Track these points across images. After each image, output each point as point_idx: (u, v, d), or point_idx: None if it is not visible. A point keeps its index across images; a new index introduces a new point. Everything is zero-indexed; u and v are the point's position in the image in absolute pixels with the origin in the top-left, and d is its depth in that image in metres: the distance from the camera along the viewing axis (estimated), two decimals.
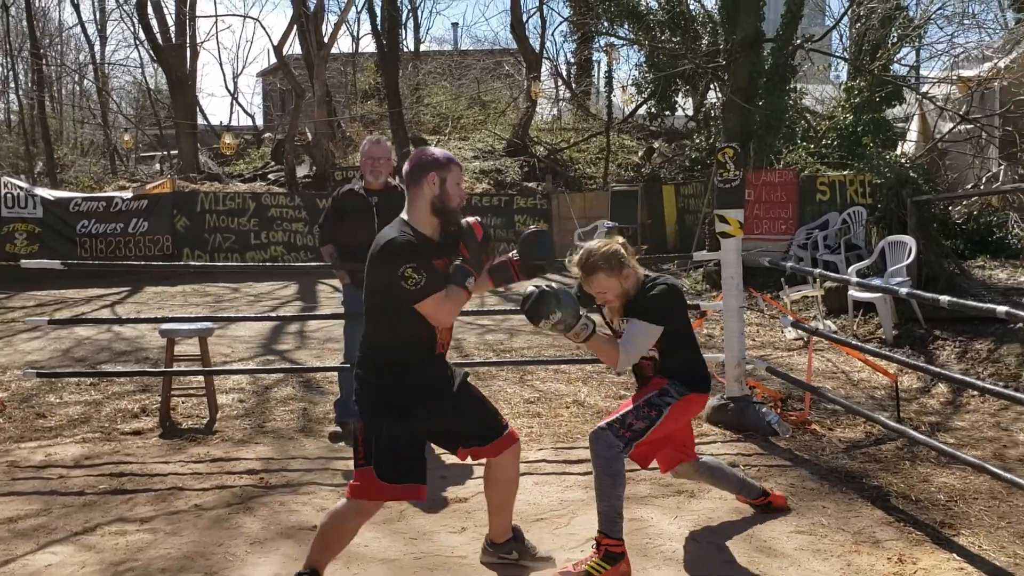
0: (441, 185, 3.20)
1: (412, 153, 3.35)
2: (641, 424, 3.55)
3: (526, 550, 3.56)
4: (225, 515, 4.12)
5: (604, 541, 3.47)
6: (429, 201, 3.20)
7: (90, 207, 13.96)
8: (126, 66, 31.68)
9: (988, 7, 15.73)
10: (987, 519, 4.00)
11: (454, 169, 3.27)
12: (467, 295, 3.20)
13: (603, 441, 3.50)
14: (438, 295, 3.10)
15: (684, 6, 16.54)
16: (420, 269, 3.06)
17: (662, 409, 3.59)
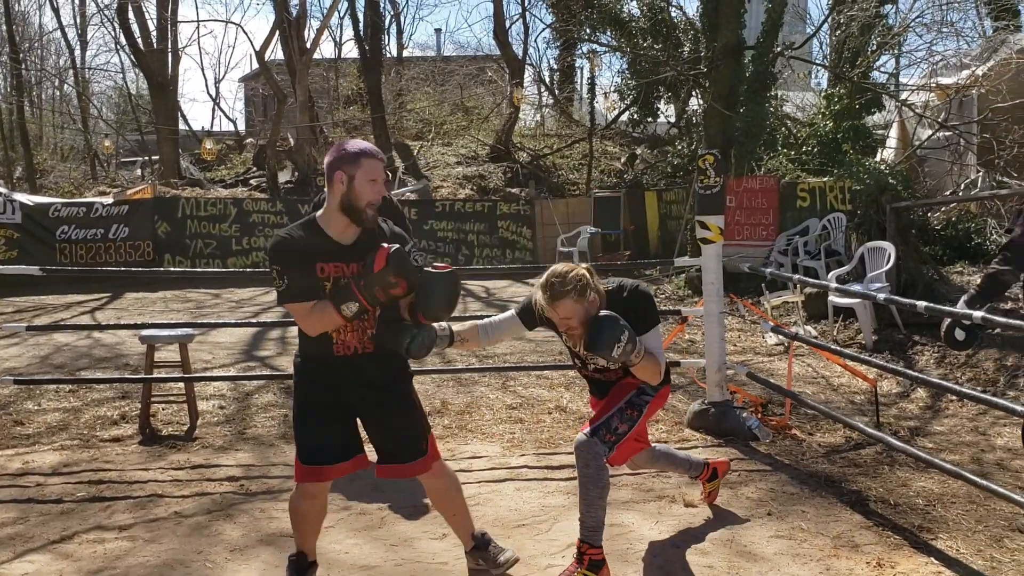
0: (349, 183, 3.03)
1: (330, 149, 3.19)
2: (624, 427, 3.56)
3: (489, 556, 3.52)
4: (205, 522, 4.10)
5: (588, 551, 3.46)
6: (338, 199, 3.06)
7: (70, 213, 13.86)
8: (107, 71, 31.59)
9: (966, 15, 15.89)
10: (965, 523, 4.03)
11: (365, 164, 3.04)
12: (340, 318, 3.02)
13: (591, 450, 3.46)
14: (303, 305, 3.02)
15: (666, 14, 16.61)
16: (284, 274, 2.99)
17: (642, 408, 3.62)
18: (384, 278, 2.98)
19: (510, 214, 15.64)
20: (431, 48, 36.12)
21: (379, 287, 2.98)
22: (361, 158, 3.05)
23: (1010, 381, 6.42)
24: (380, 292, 3.00)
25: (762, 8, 13.98)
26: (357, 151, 3.06)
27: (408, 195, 16.03)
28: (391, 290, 3.00)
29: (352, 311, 3.00)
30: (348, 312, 3.00)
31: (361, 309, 3.02)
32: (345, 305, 2.99)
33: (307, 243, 3.04)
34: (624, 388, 3.66)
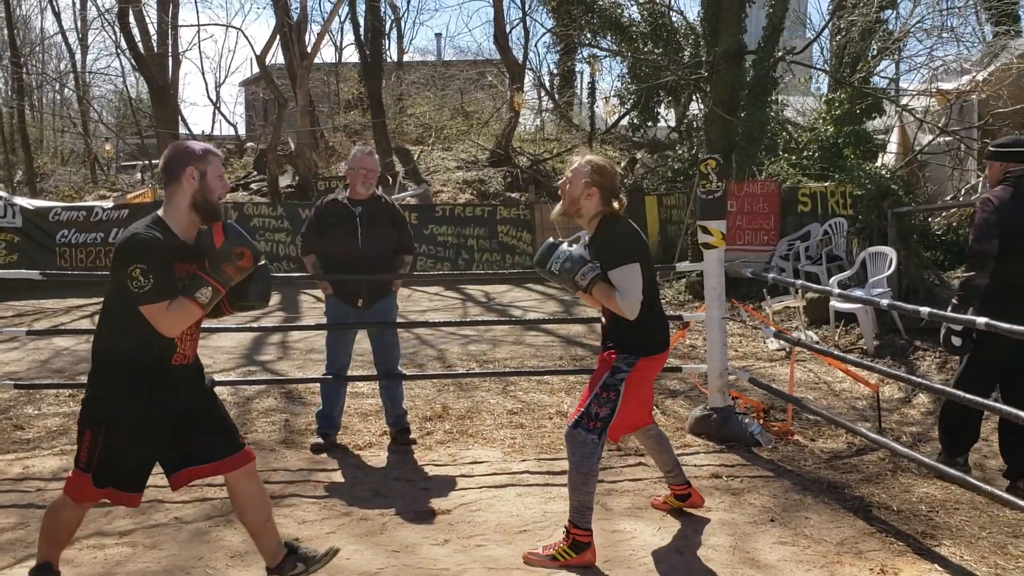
0: (201, 179, 3.06)
1: (167, 149, 3.19)
2: (605, 410, 3.66)
3: (307, 557, 3.40)
4: (205, 528, 4.09)
5: (573, 531, 3.65)
6: (189, 197, 3.05)
7: (70, 217, 13.84)
8: (107, 75, 31.55)
9: (966, 21, 15.87)
10: (968, 529, 4.02)
11: (213, 160, 3.11)
12: (198, 308, 2.99)
13: (576, 440, 3.66)
14: (160, 304, 2.94)
15: (667, 18, 16.62)
16: (149, 272, 2.91)
17: (619, 388, 3.69)
18: (229, 251, 2.99)
19: (510, 218, 15.62)
20: (432, 53, 36.13)
21: (226, 262, 2.99)
22: (208, 155, 3.12)
23: None
24: (229, 268, 3.00)
25: (763, 13, 13.96)
26: (204, 149, 3.15)
27: (408, 200, 16.03)
28: (239, 261, 3.00)
29: (207, 296, 2.98)
30: (203, 299, 2.98)
31: (215, 293, 3.00)
32: (199, 292, 2.98)
33: (165, 242, 3.02)
34: (602, 365, 3.80)
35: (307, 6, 19.19)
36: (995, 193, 4.47)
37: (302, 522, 4.16)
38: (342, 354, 5.43)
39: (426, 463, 5.09)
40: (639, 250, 3.69)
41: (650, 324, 3.79)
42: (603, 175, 3.75)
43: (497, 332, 9.24)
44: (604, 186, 3.75)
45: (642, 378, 3.80)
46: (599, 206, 3.78)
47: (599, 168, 3.76)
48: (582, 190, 3.75)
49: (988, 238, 4.39)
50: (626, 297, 3.61)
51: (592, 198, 3.76)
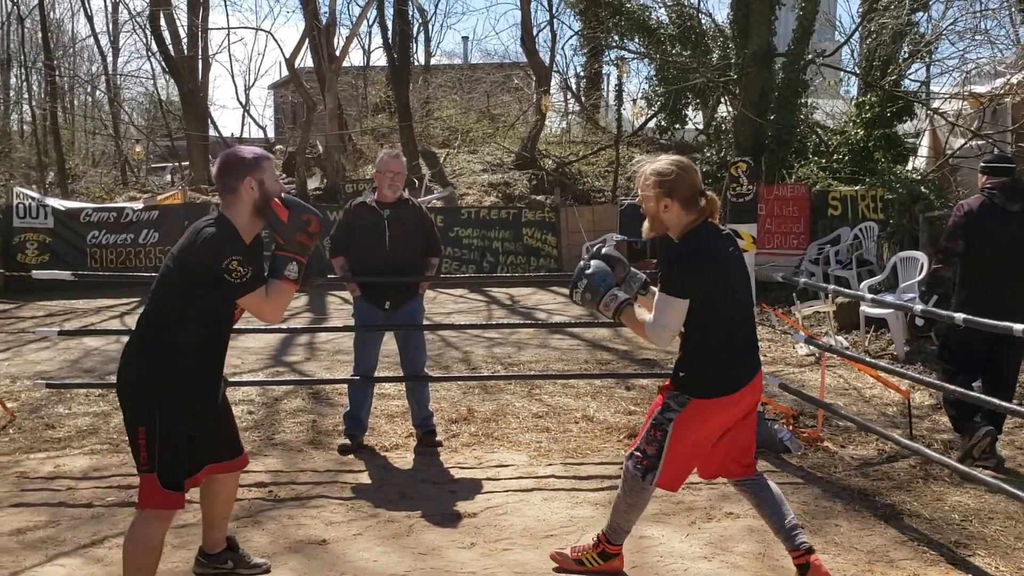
0: (260, 187, 3.11)
1: (219, 157, 3.23)
2: (652, 449, 3.33)
3: (240, 558, 3.59)
4: (233, 529, 4.09)
5: (605, 543, 3.59)
6: (251, 206, 3.11)
7: (101, 218, 14.00)
8: (138, 77, 31.77)
9: (1000, 23, 15.67)
10: (1003, 540, 3.95)
11: (267, 166, 3.16)
12: (292, 286, 3.07)
13: (627, 471, 3.44)
14: (261, 290, 3.04)
15: (695, 20, 16.55)
16: (245, 263, 2.99)
17: (666, 428, 3.29)
18: (297, 220, 3.04)
19: (535, 221, 15.62)
20: (458, 56, 36.18)
21: (298, 232, 3.05)
22: (261, 161, 3.16)
23: None
24: (302, 237, 3.05)
25: (793, 15, 13.88)
26: (255, 156, 3.17)
27: (434, 202, 16.06)
28: (309, 228, 3.05)
29: (295, 271, 3.05)
30: (293, 275, 3.06)
31: (300, 266, 3.07)
32: (287, 270, 3.04)
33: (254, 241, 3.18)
34: (657, 400, 3.44)
35: (336, 10, 19.31)
36: (969, 201, 5.23)
37: (329, 523, 4.16)
38: (369, 356, 5.44)
39: (452, 466, 5.08)
40: (692, 280, 3.20)
41: (713, 359, 3.30)
42: (673, 180, 3.26)
43: (522, 335, 9.22)
44: (678, 192, 3.26)
45: (697, 424, 3.29)
46: (684, 215, 3.29)
47: (663, 174, 3.28)
48: (656, 204, 3.30)
49: (955, 238, 5.14)
50: (654, 327, 3.23)
51: (671, 210, 3.28)
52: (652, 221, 3.35)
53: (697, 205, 3.27)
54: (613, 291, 3.36)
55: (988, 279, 5.07)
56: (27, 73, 25.16)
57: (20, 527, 4.08)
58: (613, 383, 7.00)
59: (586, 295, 3.39)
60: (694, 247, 3.24)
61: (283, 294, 3.07)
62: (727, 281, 3.28)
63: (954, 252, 5.14)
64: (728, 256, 3.29)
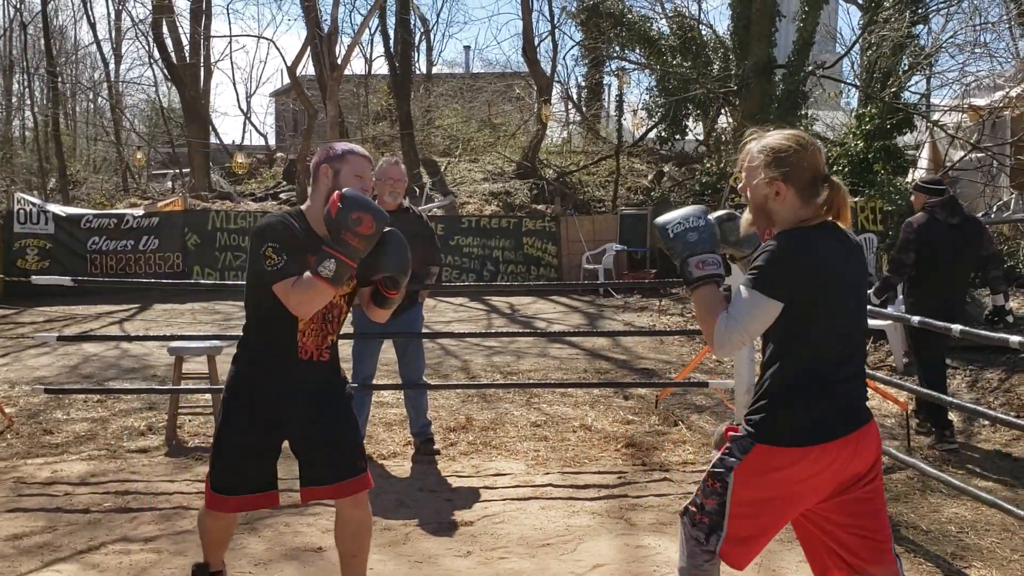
0: (335, 176, 3.01)
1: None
2: (711, 503, 2.56)
3: None
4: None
5: None
6: (324, 194, 3.01)
7: (101, 224, 14.02)
8: (140, 84, 31.80)
9: (1000, 36, 15.73)
10: (1000, 552, 3.95)
11: (352, 160, 3.04)
12: (324, 284, 2.83)
13: (684, 529, 2.66)
14: (289, 280, 2.87)
15: (696, 32, 16.62)
16: (281, 251, 2.87)
17: (726, 480, 2.52)
18: (346, 217, 2.81)
19: (535, 230, 15.63)
20: (460, 65, 36.26)
21: (344, 230, 2.82)
22: (348, 155, 3.06)
23: None
24: (348, 236, 2.82)
25: (793, 27, 13.94)
26: (345, 149, 3.09)
27: (435, 211, 16.09)
28: (357, 228, 2.81)
29: (330, 269, 2.82)
30: (327, 272, 2.81)
31: (339, 265, 2.83)
32: (322, 266, 2.82)
33: (300, 229, 3.00)
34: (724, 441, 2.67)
35: (338, 18, 19.36)
36: (916, 218, 5.87)
37: (325, 531, 4.16)
38: (368, 363, 5.44)
39: (449, 474, 5.09)
40: (792, 282, 2.42)
41: (797, 395, 2.48)
42: (790, 158, 2.48)
43: (521, 344, 9.23)
44: (795, 175, 2.48)
45: (763, 481, 2.49)
46: (800, 207, 2.51)
47: (781, 151, 2.49)
48: (764, 190, 2.51)
49: (906, 251, 5.80)
50: (729, 320, 2.48)
51: (783, 198, 2.50)
52: (757, 212, 2.56)
53: (817, 194, 2.50)
54: (716, 256, 2.56)
55: (935, 285, 5.79)
56: (29, 79, 25.24)
57: (17, 532, 4.08)
58: (611, 392, 7.00)
59: (685, 234, 2.57)
60: (803, 243, 2.45)
61: (308, 289, 2.85)
62: (837, 297, 2.47)
63: (905, 264, 5.81)
64: (845, 268, 2.49)
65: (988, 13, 14.80)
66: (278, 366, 3.03)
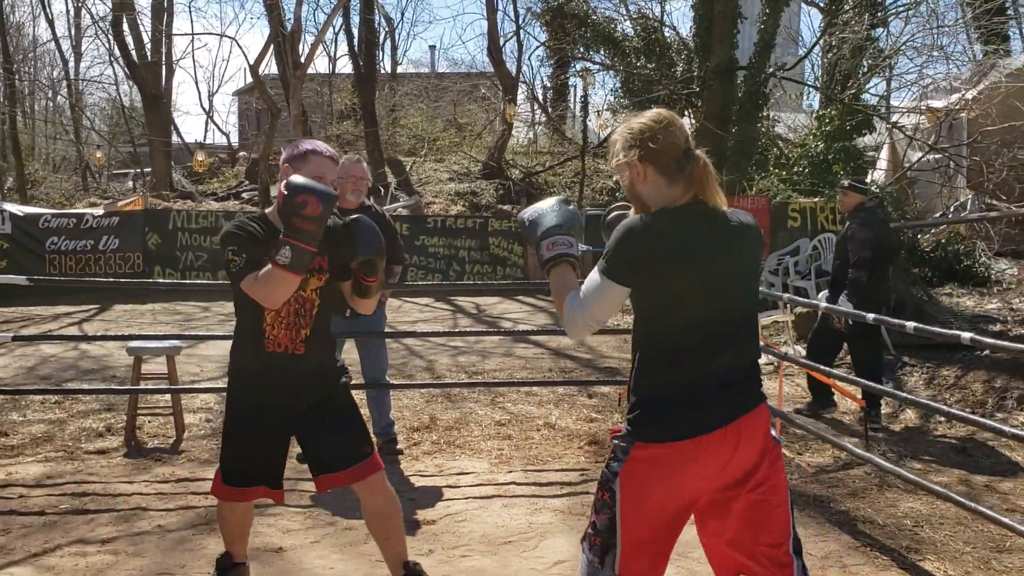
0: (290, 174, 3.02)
1: None
2: (603, 518, 2.33)
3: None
4: (189, 536, 4.07)
5: None
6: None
7: (60, 224, 13.80)
8: (100, 83, 31.35)
9: (956, 40, 16.00)
10: (953, 544, 4.02)
11: (314, 160, 3.05)
12: (283, 271, 2.86)
13: (582, 561, 2.41)
14: (252, 275, 2.93)
15: (659, 33, 16.72)
16: (241, 251, 2.95)
17: (613, 488, 2.31)
18: (292, 202, 2.84)
19: (502, 231, 15.63)
20: (425, 64, 36.18)
21: (292, 215, 2.85)
22: (310, 155, 3.07)
23: (999, 403, 6.43)
24: (298, 220, 2.84)
25: (755, 29, 14.07)
26: (308, 148, 3.10)
27: (400, 210, 16.04)
28: (304, 211, 2.83)
29: (286, 256, 2.84)
30: (283, 260, 2.85)
31: (294, 251, 2.85)
32: (279, 254, 2.86)
33: (260, 229, 3.03)
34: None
35: (301, 17, 19.22)
36: (862, 218, 6.23)
37: (286, 531, 4.14)
38: None
39: (412, 474, 5.08)
40: (641, 266, 2.28)
41: (667, 387, 2.33)
42: (651, 138, 2.33)
43: (487, 344, 9.23)
44: (656, 154, 2.33)
45: (647, 481, 2.29)
46: (666, 186, 2.35)
47: (639, 132, 2.36)
48: (628, 173, 2.40)
49: (867, 249, 6.07)
50: (574, 302, 2.36)
51: (646, 178, 2.37)
52: (630, 198, 2.48)
53: (682, 171, 2.33)
54: (567, 237, 2.51)
55: (877, 281, 6.19)
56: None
57: None
58: (576, 391, 7.03)
59: (539, 220, 2.55)
60: (659, 223, 2.29)
61: (270, 279, 2.89)
62: (698, 282, 2.30)
63: (869, 260, 6.06)
64: (713, 251, 2.31)
65: (945, 17, 15.06)
66: (252, 359, 3.13)
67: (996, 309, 8.69)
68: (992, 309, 8.71)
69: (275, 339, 3.08)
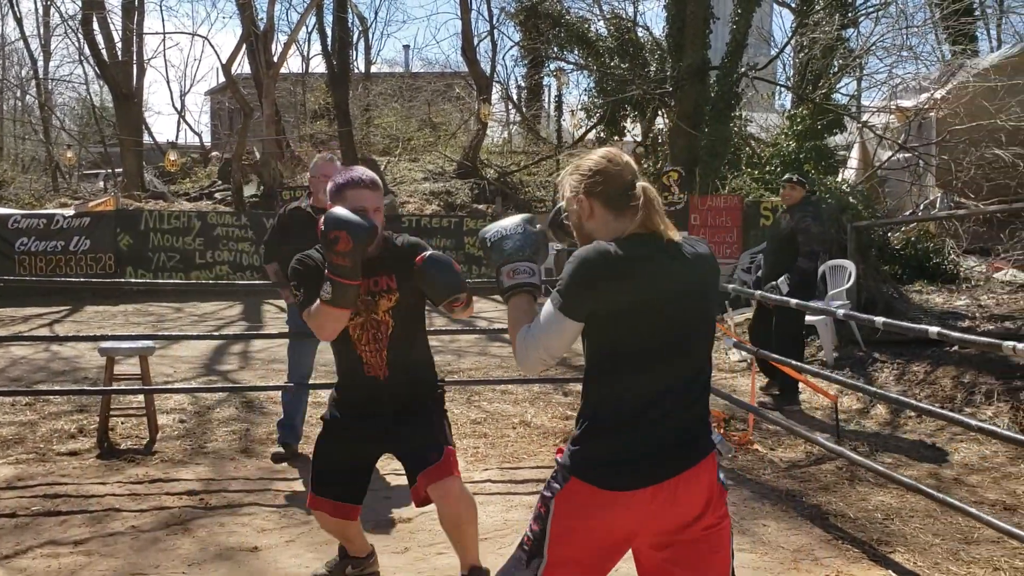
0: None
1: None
2: (537, 526, 2.28)
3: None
4: (162, 536, 4.04)
5: None
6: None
7: (30, 224, 13.64)
8: (70, 82, 31.00)
9: (925, 40, 16.21)
10: (922, 537, 4.08)
11: (351, 195, 3.04)
12: (327, 307, 2.90)
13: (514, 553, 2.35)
14: (307, 311, 3.01)
15: (632, 34, 16.78)
16: (300, 287, 3.06)
17: (549, 505, 2.25)
18: (326, 239, 2.84)
19: (476, 230, 15.56)
20: (399, 64, 36.08)
21: (328, 252, 2.86)
22: (346, 190, 3.06)
23: (967, 398, 6.52)
24: (333, 256, 2.84)
25: (727, 29, 14.16)
26: (342, 183, 3.08)
27: None
28: (337, 247, 2.82)
29: (327, 292, 2.88)
30: (325, 295, 2.88)
31: (335, 287, 2.87)
32: (323, 290, 2.90)
33: (318, 260, 3.08)
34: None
35: (274, 16, 19.14)
36: (812, 212, 6.63)
37: (261, 530, 4.13)
38: (304, 363, 5.40)
39: (388, 472, 5.07)
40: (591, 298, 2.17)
41: (605, 429, 2.22)
42: (597, 175, 2.31)
43: (462, 342, 9.24)
44: (601, 190, 2.29)
45: (577, 516, 2.21)
46: (612, 222, 2.28)
47: (585, 170, 2.33)
48: (576, 210, 2.35)
49: (819, 243, 6.60)
50: (528, 335, 2.26)
51: (593, 214, 2.31)
52: (578, 235, 2.40)
53: (627, 204, 2.26)
54: (530, 264, 2.44)
55: (815, 271, 6.70)
56: None
57: None
58: (551, 388, 7.05)
59: (501, 243, 2.47)
60: (602, 256, 2.18)
61: (318, 314, 2.96)
62: (647, 317, 2.19)
63: (819, 253, 6.61)
64: (665, 284, 2.20)
65: (914, 17, 15.25)
66: (350, 384, 3.27)
67: (964, 305, 8.81)
68: (961, 306, 8.83)
69: (369, 364, 3.16)
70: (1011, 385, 6.36)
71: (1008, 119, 11.15)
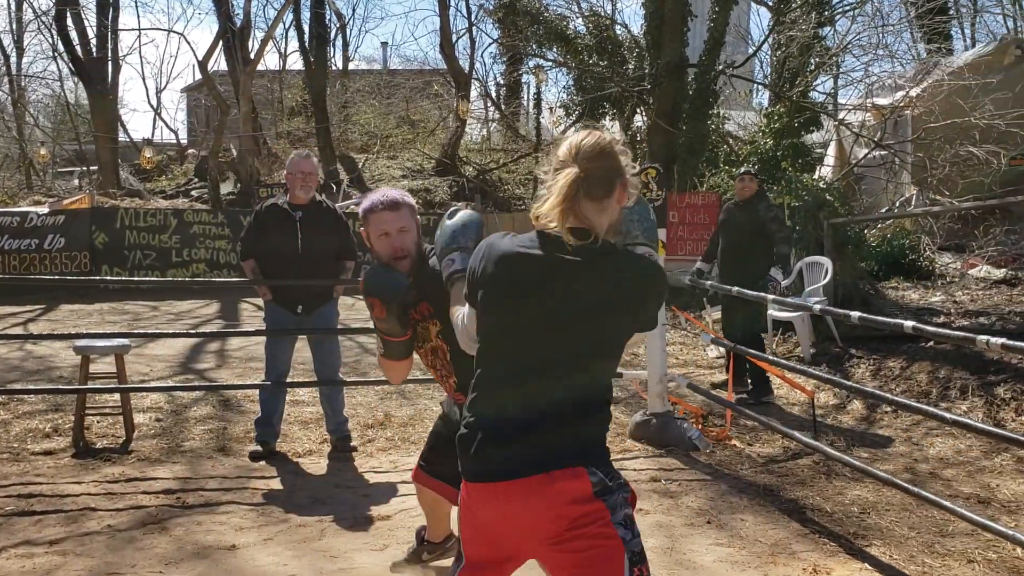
0: (368, 239, 3.03)
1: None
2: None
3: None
4: (139, 535, 4.01)
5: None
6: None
7: (3, 222, 13.49)
8: (44, 78, 30.63)
9: (901, 39, 16.33)
10: (898, 530, 4.12)
11: (373, 220, 2.97)
12: (382, 359, 2.98)
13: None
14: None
15: (611, 31, 16.80)
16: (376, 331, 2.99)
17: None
18: (366, 303, 2.85)
19: None
20: (377, 61, 35.94)
21: (370, 314, 2.87)
22: (369, 216, 2.98)
23: (942, 393, 6.57)
24: (374, 321, 2.87)
25: (705, 27, 14.21)
26: (367, 207, 3.00)
27: (353, 207, 15.94)
28: (373, 313, 2.82)
29: (379, 347, 2.95)
30: (379, 351, 2.97)
31: (384, 343, 2.91)
32: (376, 346, 3.00)
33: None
34: None
35: (251, 12, 19.02)
36: (769, 201, 7.17)
37: (239, 529, 4.11)
38: (281, 361, 5.37)
39: (367, 470, 5.06)
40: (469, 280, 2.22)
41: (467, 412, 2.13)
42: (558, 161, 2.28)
43: None
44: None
45: (465, 515, 2.13)
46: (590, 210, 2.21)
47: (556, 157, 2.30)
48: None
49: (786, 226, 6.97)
50: (458, 322, 2.38)
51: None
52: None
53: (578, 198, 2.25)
54: (458, 254, 2.52)
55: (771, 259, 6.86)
56: None
57: None
58: None
59: (438, 239, 2.60)
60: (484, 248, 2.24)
61: (382, 367, 3.08)
62: (508, 319, 2.11)
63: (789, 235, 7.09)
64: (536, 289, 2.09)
65: (889, 16, 15.36)
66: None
67: (940, 302, 8.90)
68: (936, 302, 8.91)
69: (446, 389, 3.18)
70: (985, 380, 6.43)
71: (982, 117, 11.25)
